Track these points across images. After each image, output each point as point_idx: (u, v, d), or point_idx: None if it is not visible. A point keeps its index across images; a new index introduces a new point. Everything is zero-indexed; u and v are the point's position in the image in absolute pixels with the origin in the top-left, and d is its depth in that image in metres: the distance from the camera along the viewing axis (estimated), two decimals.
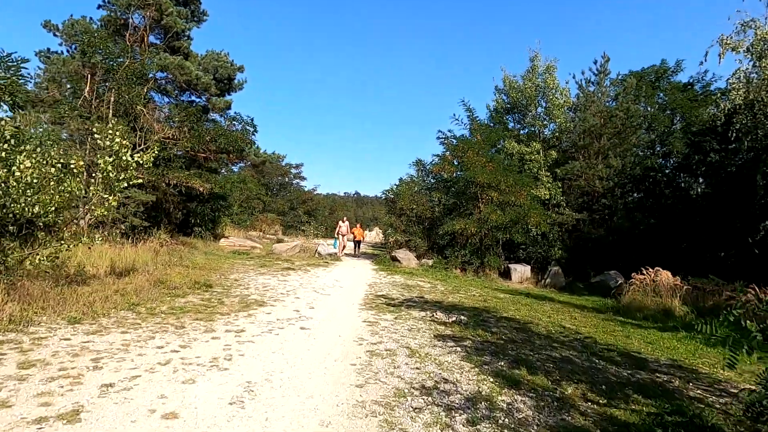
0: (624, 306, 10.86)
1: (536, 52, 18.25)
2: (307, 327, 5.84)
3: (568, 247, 16.10)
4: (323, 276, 11.58)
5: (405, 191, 18.14)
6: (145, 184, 11.87)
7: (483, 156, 15.38)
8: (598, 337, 7.38)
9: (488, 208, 15.21)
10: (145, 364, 3.87)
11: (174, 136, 11.05)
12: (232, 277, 9.69)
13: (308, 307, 7.23)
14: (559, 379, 4.60)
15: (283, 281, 9.87)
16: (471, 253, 15.92)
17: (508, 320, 7.80)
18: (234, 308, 6.64)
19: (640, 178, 16.53)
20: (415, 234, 17.82)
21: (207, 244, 15.44)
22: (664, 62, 22.17)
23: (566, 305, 11.09)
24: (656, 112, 18.88)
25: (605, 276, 14.18)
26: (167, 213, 13.52)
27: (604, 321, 9.12)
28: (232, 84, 14.97)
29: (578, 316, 9.37)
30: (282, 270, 11.75)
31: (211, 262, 11.86)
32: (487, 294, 11.24)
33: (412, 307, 8.10)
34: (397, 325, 6.47)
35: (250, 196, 23.89)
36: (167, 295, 7.12)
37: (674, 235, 14.35)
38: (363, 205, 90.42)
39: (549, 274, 15.08)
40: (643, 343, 7.30)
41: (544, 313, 9.30)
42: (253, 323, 5.80)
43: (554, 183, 17.19)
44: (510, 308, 9.26)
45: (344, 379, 3.97)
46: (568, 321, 8.60)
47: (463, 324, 6.94)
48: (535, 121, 18.38)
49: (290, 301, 7.61)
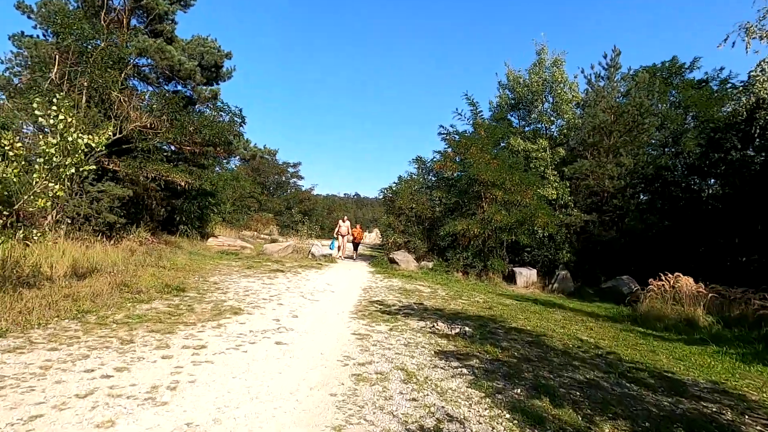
0: (642, 315, 9.95)
1: (543, 45, 17.39)
2: (284, 341, 4.92)
3: (576, 249, 15.18)
4: (314, 279, 10.66)
5: (404, 189, 17.23)
6: (122, 177, 10.99)
7: (487, 152, 14.49)
8: (621, 351, 6.47)
9: (492, 207, 14.32)
10: (57, 397, 2.95)
11: (153, 126, 10.16)
12: (211, 280, 8.77)
13: (291, 316, 6.32)
14: (591, 414, 3.69)
15: (268, 285, 8.95)
16: (473, 255, 15.01)
17: (519, 332, 6.89)
18: (203, 317, 5.73)
19: (653, 178, 15.63)
20: (415, 235, 16.91)
21: (193, 244, 14.53)
22: (676, 59, 21.34)
23: (578, 313, 10.19)
24: (668, 110, 18.02)
25: (617, 281, 13.27)
26: (149, 209, 12.62)
27: (622, 332, 8.21)
28: (219, 72, 14.03)
29: (594, 327, 8.46)
30: (269, 272, 10.84)
31: (193, 262, 10.95)
32: (491, 300, 10.33)
33: (409, 316, 7.19)
34: (392, 338, 5.56)
35: (243, 194, 22.97)
36: (129, 301, 6.21)
37: (691, 239, 13.44)
38: (363, 207, 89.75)
39: (557, 278, 14.17)
40: (672, 360, 6.40)
41: (556, 322, 8.40)
42: (220, 336, 4.88)
43: (562, 182, 16.28)
44: (518, 317, 8.35)
45: (319, 418, 3.06)
46: (585, 332, 7.69)
47: (468, 337, 6.03)
48: (541, 117, 17.48)
49: (271, 309, 6.69)
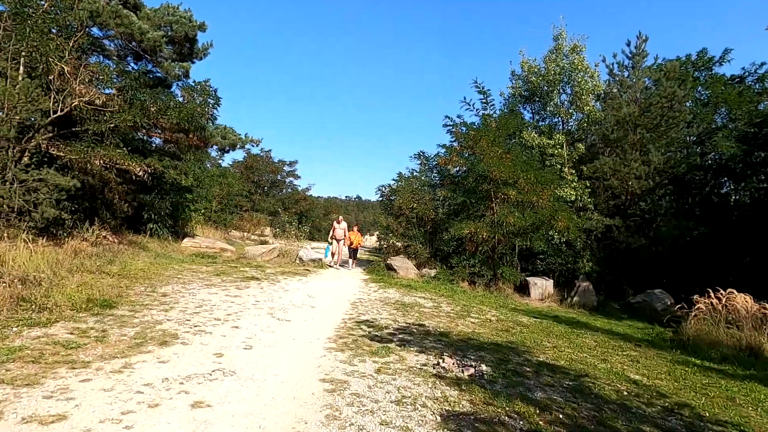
0: (690, 340, 8.20)
1: (561, 29, 15.70)
2: (206, 401, 3.18)
3: (597, 258, 13.42)
4: (294, 289, 8.95)
5: (404, 188, 15.50)
6: (71, 165, 9.31)
7: (499, 146, 12.77)
8: (693, 401, 4.75)
9: (504, 208, 12.58)
10: None
11: (105, 104, 8.50)
12: (160, 291, 7.06)
13: (241, 347, 4.60)
14: None
15: (233, 298, 7.23)
16: (482, 262, 13.28)
17: (552, 370, 5.14)
18: (112, 351, 4.02)
19: (684, 179, 13.92)
20: (416, 238, 15.19)
21: (164, 245, 12.82)
22: (705, 51, 19.63)
23: (611, 336, 8.44)
24: (699, 107, 16.32)
25: (649, 296, 11.50)
26: (108, 204, 10.93)
27: (678, 366, 6.45)
28: (194, 48, 12.29)
29: (638, 357, 6.74)
30: (242, 280, 9.12)
31: (153, 267, 9.24)
32: (506, 318, 8.60)
33: (407, 344, 5.47)
34: (379, 388, 3.83)
35: (230, 192, 21.29)
36: (19, 322, 4.51)
37: (733, 248, 11.67)
38: (364, 209, 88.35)
39: (577, 290, 12.41)
40: (763, 414, 4.68)
41: (591, 351, 6.67)
42: (112, 390, 3.16)
43: (580, 182, 14.54)
44: (544, 344, 6.62)
45: None
46: (632, 368, 5.96)
47: (488, 382, 4.30)
48: (558, 110, 15.75)
49: (219, 335, 4.97)
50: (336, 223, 14.57)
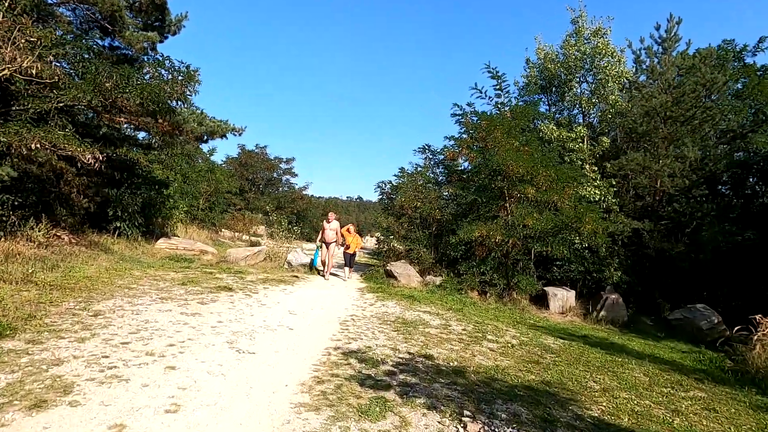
0: (761, 372, 6.63)
1: (581, 11, 14.14)
2: None
3: (625, 266, 11.85)
4: (273, 303, 7.40)
5: (407, 184, 13.94)
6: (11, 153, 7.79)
7: (515, 138, 11.22)
8: None
9: (520, 208, 11.03)
10: None
11: (46, 76, 6.99)
12: (97, 308, 5.53)
13: (161, 409, 3.05)
14: None
15: (189, 317, 5.69)
16: (493, 269, 11.72)
17: None
18: None
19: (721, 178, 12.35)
20: (419, 241, 13.63)
21: (133, 246, 11.30)
22: (729, 42, 18.00)
23: (659, 366, 6.85)
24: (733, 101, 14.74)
25: (691, 312, 9.91)
26: (64, 199, 9.41)
27: (764, 415, 4.89)
28: (165, 19, 10.69)
29: (710, 401, 5.17)
30: (211, 291, 7.58)
31: (105, 274, 7.73)
32: (530, 341, 7.04)
33: (410, 392, 3.93)
34: None
35: (219, 189, 19.78)
36: None
37: None
38: (365, 210, 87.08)
39: (604, 304, 10.84)
40: None
41: (649, 392, 5.11)
42: None
43: (604, 180, 12.97)
44: (590, 384, 5.07)
45: None
46: (711, 420, 4.41)
47: None
48: (578, 100, 14.19)
49: (139, 385, 3.43)
50: (326, 222, 11.55)
